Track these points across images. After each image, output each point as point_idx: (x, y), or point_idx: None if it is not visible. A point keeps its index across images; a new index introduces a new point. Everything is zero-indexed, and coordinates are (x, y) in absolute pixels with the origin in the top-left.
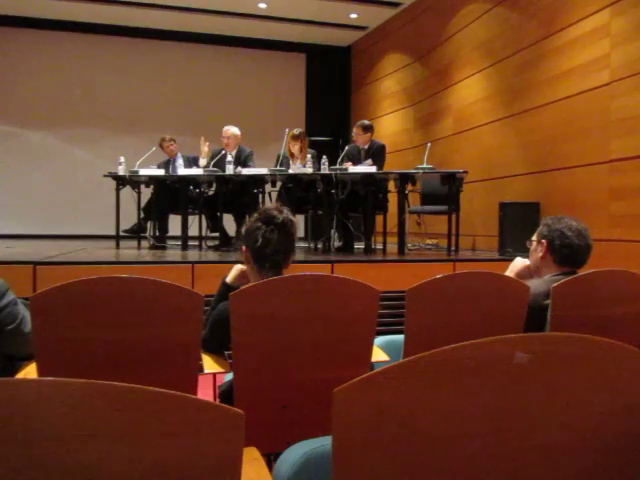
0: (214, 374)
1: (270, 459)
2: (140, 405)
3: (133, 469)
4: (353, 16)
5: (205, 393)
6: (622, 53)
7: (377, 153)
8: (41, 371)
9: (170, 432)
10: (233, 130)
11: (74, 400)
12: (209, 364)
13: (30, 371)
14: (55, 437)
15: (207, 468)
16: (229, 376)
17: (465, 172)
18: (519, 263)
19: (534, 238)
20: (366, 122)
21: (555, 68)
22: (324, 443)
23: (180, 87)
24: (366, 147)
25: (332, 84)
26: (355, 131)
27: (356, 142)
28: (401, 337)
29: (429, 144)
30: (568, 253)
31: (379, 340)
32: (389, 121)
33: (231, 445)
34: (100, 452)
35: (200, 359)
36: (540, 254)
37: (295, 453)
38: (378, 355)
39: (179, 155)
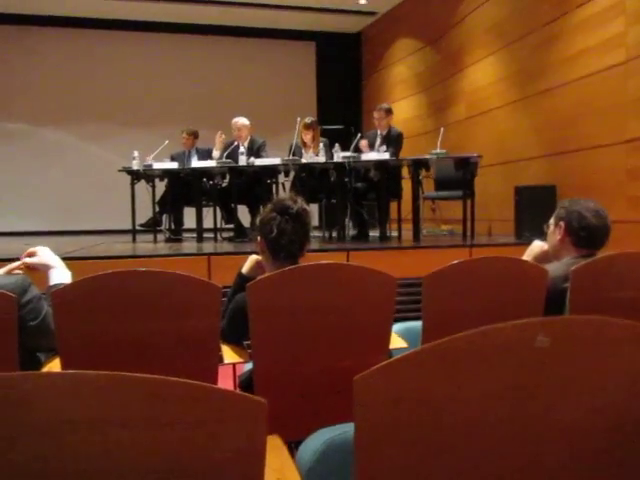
0: (234, 364)
1: (292, 447)
2: (164, 396)
3: (158, 458)
4: (362, 2)
5: (225, 383)
6: (638, 31)
7: (394, 140)
8: (65, 365)
9: (194, 422)
10: (242, 121)
11: (100, 391)
12: (229, 354)
13: (53, 366)
14: (82, 427)
15: (232, 456)
16: (248, 366)
17: (479, 156)
18: (537, 247)
19: (551, 222)
20: (386, 105)
21: (569, 48)
22: (345, 430)
23: (191, 80)
24: (384, 133)
25: (343, 72)
26: (377, 115)
27: (378, 127)
28: (419, 323)
29: (442, 129)
30: (586, 234)
31: (397, 327)
32: (401, 107)
33: (254, 434)
34: (126, 441)
35: (220, 350)
36: (558, 237)
37: (317, 440)
38: (396, 342)
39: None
